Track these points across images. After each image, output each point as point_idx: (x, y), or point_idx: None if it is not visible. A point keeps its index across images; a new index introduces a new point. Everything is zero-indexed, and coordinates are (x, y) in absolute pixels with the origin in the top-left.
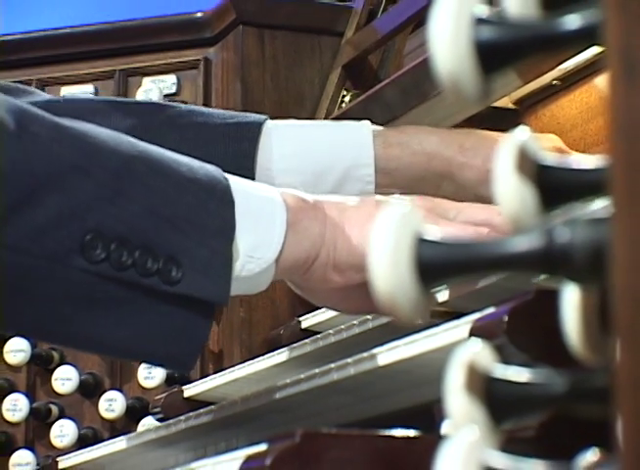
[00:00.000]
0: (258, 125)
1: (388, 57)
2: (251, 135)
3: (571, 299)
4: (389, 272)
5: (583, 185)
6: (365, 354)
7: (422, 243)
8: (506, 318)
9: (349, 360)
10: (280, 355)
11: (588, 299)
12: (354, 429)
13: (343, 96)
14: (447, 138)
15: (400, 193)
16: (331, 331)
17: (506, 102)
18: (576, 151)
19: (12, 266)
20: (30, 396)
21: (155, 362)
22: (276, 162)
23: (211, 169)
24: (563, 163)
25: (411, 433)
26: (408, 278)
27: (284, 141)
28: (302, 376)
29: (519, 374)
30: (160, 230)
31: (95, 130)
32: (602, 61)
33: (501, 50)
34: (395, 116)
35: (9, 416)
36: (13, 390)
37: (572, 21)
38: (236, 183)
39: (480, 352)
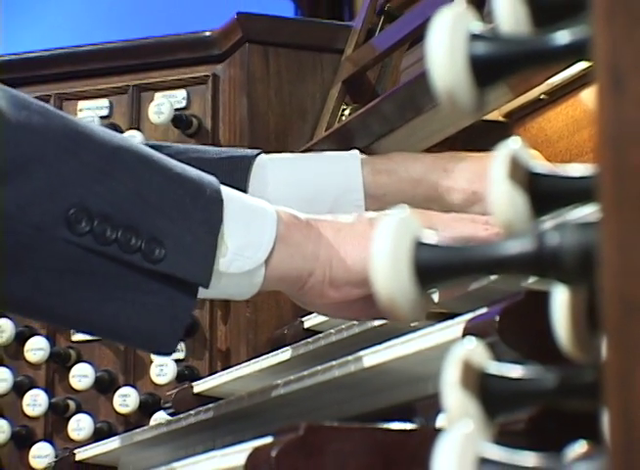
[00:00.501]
0: (250, 158)
1: (386, 73)
2: (242, 166)
3: (559, 299)
4: (389, 274)
5: (572, 192)
6: (364, 352)
7: (420, 246)
8: (497, 318)
9: (350, 358)
10: (284, 354)
11: (576, 299)
12: (354, 422)
13: (343, 109)
14: (432, 163)
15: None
16: (332, 331)
17: (496, 115)
18: (562, 161)
19: (3, 234)
20: (49, 391)
21: (137, 343)
22: (271, 191)
23: (205, 174)
24: (552, 171)
25: (407, 426)
26: (407, 280)
27: (278, 171)
28: (305, 373)
29: (511, 370)
30: (144, 213)
31: (87, 123)
32: (586, 76)
33: (495, 64)
34: (392, 128)
35: (29, 411)
36: (33, 386)
37: (562, 36)
38: (230, 191)
39: (474, 350)
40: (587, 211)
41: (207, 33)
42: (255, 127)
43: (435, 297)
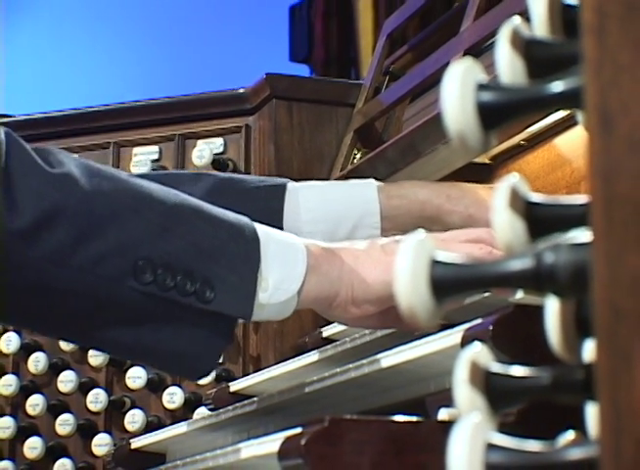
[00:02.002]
0: (283, 187)
1: (391, 123)
2: (278, 194)
3: (551, 308)
4: (410, 288)
5: (563, 219)
6: (377, 357)
7: (435, 264)
8: (491, 327)
9: (364, 361)
10: (307, 358)
11: (566, 309)
12: (370, 415)
13: (355, 154)
14: (436, 190)
15: (400, 234)
16: (347, 339)
17: (483, 158)
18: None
19: (77, 284)
20: (108, 390)
21: (183, 369)
22: (303, 214)
23: (240, 216)
24: (546, 200)
25: (415, 418)
26: (425, 293)
27: (309, 198)
28: (326, 374)
29: (512, 370)
30: (198, 260)
31: (146, 183)
32: (559, 126)
33: (499, 110)
34: (396, 170)
35: (91, 407)
36: (94, 386)
37: (557, 86)
38: (264, 229)
39: (480, 352)
40: (577, 235)
41: (241, 90)
42: (281, 170)
43: None
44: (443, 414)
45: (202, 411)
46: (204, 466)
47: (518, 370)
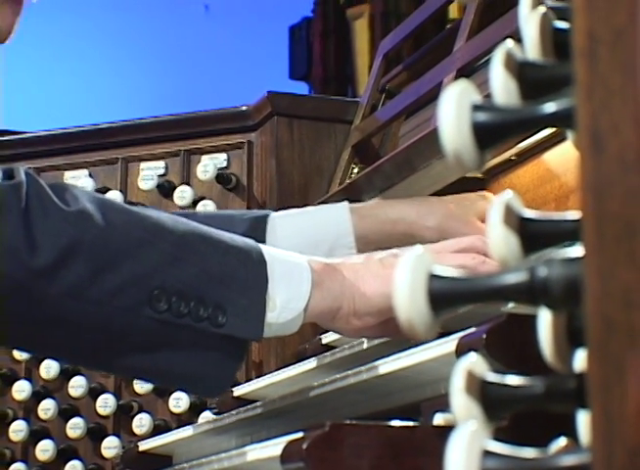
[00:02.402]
0: (264, 217)
1: (387, 139)
2: (261, 225)
3: (544, 320)
4: (408, 301)
5: (554, 234)
6: (374, 364)
7: (433, 278)
8: (484, 336)
9: (363, 368)
10: (307, 365)
11: (557, 320)
12: (368, 421)
13: (353, 169)
14: (407, 207)
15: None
16: (345, 346)
17: (475, 172)
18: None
19: (97, 316)
20: (117, 395)
21: (199, 388)
22: (280, 242)
23: (247, 240)
24: (539, 216)
25: (411, 423)
26: (423, 306)
27: (284, 227)
28: (326, 380)
29: (507, 379)
30: (209, 286)
31: (156, 213)
32: (547, 142)
33: (494, 130)
34: (392, 184)
35: (101, 411)
36: (104, 391)
37: (549, 107)
38: (269, 251)
39: (476, 362)
40: (569, 249)
41: (244, 108)
42: (282, 183)
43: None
44: (439, 419)
45: (206, 415)
46: (209, 468)
47: (512, 379)
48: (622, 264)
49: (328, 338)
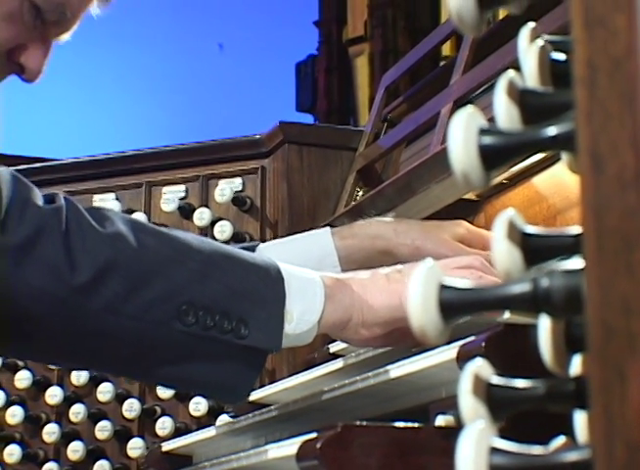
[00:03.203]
0: (253, 248)
1: (389, 165)
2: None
3: (544, 327)
4: (421, 310)
5: (555, 248)
6: (380, 370)
7: (443, 289)
8: (483, 344)
9: (370, 374)
10: (317, 371)
11: (556, 327)
12: (375, 422)
13: (357, 192)
14: (385, 226)
15: (358, 268)
16: (353, 354)
17: (470, 195)
18: None
19: (131, 330)
20: (142, 400)
21: (222, 395)
22: None
23: (265, 258)
24: (539, 231)
25: (416, 425)
26: (435, 314)
27: (272, 255)
28: (336, 385)
29: (510, 382)
30: (233, 301)
31: (182, 234)
32: (536, 167)
33: (499, 152)
34: (394, 206)
35: (127, 414)
36: (129, 396)
37: (551, 130)
38: (286, 268)
39: (482, 366)
40: (569, 262)
41: (257, 136)
42: (293, 205)
43: None
44: (440, 421)
45: (223, 418)
46: (229, 467)
47: (515, 382)
48: (621, 275)
49: (335, 347)
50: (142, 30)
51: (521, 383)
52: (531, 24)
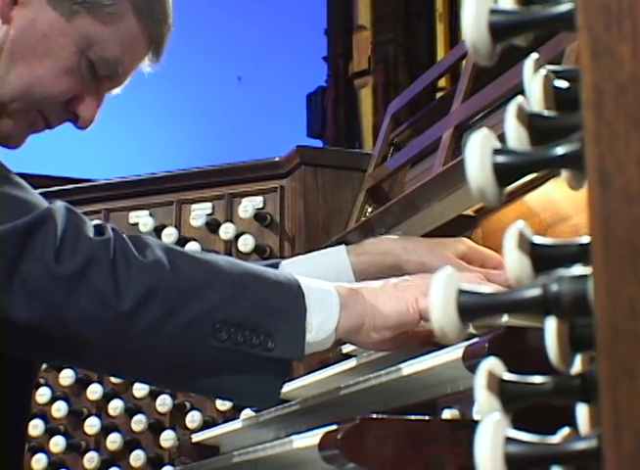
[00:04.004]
0: (277, 265)
1: (395, 184)
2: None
3: (551, 328)
4: (441, 312)
5: (560, 257)
6: (392, 368)
7: (461, 293)
8: (487, 345)
9: (382, 372)
10: (331, 370)
11: (562, 328)
12: (389, 415)
13: (367, 209)
14: (394, 243)
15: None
16: (364, 354)
17: (469, 211)
18: None
19: (170, 348)
20: (173, 396)
21: (252, 402)
22: None
23: (287, 275)
24: (546, 242)
25: (426, 417)
26: (454, 316)
27: (293, 270)
28: (351, 382)
29: (521, 378)
30: (260, 317)
31: (214, 257)
32: (527, 186)
33: (512, 170)
34: (399, 221)
35: (160, 409)
36: (162, 392)
37: (560, 150)
38: (305, 281)
39: (494, 364)
40: (575, 269)
41: (276, 159)
42: (309, 221)
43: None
44: (447, 414)
45: (247, 412)
46: (255, 456)
47: (526, 378)
48: (628, 281)
49: (347, 348)
50: (169, 65)
51: (530, 379)
52: (534, 56)
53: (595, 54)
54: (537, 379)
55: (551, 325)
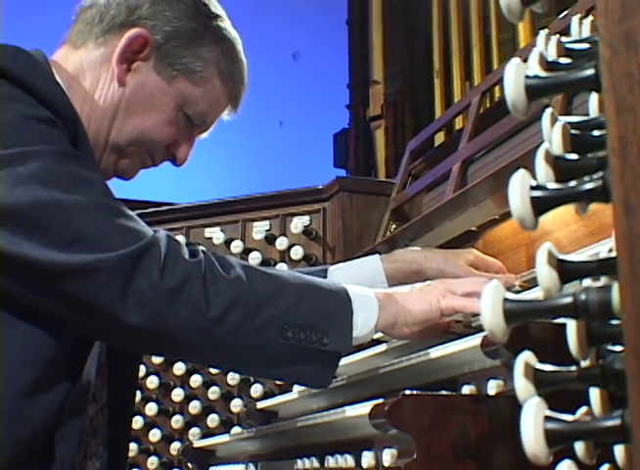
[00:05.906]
0: (325, 271)
1: (414, 206)
2: (324, 276)
3: (571, 326)
4: (491, 317)
5: (582, 270)
6: (420, 352)
7: (506, 300)
8: None
9: (413, 355)
10: (366, 352)
11: (580, 327)
12: (420, 390)
13: (391, 226)
14: (418, 253)
15: (399, 284)
16: (394, 340)
17: (473, 227)
18: (509, 251)
19: (248, 345)
20: None
21: (312, 385)
22: None
23: (337, 284)
24: (571, 258)
25: (452, 393)
26: (501, 320)
27: (336, 275)
28: (387, 363)
29: (551, 368)
30: (317, 319)
31: (281, 272)
32: None
33: (546, 202)
34: (417, 236)
35: (230, 382)
36: None
37: (588, 185)
38: (351, 288)
39: (529, 356)
40: (599, 281)
41: (320, 186)
42: (346, 236)
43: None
44: (466, 389)
45: (298, 386)
46: (314, 422)
47: (554, 368)
48: None
49: (377, 335)
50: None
51: (559, 368)
52: (549, 110)
53: (619, 111)
54: (565, 368)
55: (571, 324)
